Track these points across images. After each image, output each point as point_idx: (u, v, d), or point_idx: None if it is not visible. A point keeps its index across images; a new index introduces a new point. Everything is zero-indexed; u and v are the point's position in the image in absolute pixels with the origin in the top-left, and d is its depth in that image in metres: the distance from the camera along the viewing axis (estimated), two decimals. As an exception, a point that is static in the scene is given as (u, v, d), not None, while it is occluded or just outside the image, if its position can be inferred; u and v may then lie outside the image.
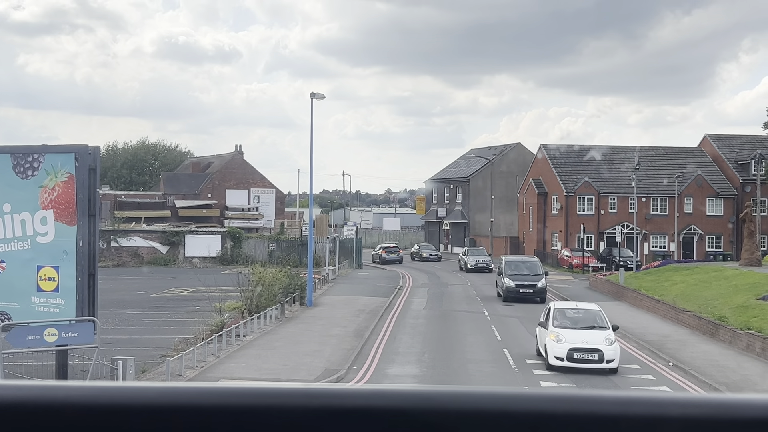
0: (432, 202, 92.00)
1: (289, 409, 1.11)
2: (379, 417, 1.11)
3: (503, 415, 1.11)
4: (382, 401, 1.13)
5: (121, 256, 63.88)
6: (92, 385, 1.18)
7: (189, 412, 1.12)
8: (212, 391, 1.16)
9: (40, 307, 17.06)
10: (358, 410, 1.11)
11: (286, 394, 1.15)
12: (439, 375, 22.48)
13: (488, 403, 1.13)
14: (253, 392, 1.15)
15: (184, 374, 21.66)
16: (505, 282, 39.82)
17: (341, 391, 1.16)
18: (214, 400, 1.13)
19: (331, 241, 57.24)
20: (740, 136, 73.35)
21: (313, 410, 1.11)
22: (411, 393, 1.16)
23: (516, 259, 42.95)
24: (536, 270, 40.42)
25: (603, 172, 68.38)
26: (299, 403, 1.12)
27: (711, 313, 31.48)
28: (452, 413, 1.11)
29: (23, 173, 16.97)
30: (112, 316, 31.33)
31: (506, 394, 1.15)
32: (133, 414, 1.11)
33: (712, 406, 1.14)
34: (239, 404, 1.12)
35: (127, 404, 1.13)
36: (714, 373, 23.27)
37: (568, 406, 1.13)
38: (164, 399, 1.14)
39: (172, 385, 1.18)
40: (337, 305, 38.31)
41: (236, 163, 79.60)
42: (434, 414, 1.11)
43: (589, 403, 1.14)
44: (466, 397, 1.15)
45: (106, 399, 1.14)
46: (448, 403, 1.13)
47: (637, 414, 1.11)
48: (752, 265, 43.26)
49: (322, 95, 38.92)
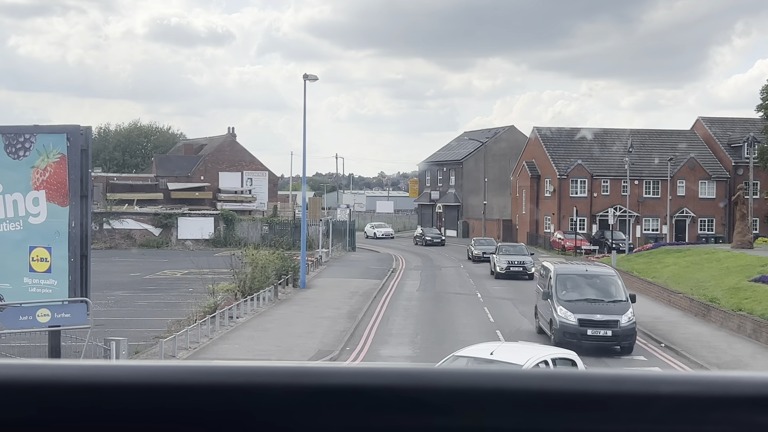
0: (425, 185, 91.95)
1: (280, 388, 1.11)
2: (369, 395, 1.11)
3: (494, 393, 1.11)
4: (371, 380, 1.13)
5: (114, 238, 63.77)
6: (85, 364, 1.17)
7: (181, 391, 1.11)
8: (204, 370, 1.16)
9: (33, 287, 17.02)
10: (349, 388, 1.11)
11: (276, 372, 1.14)
12: (432, 356, 22.53)
13: (479, 381, 1.13)
14: (244, 371, 1.15)
15: (178, 355, 21.69)
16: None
17: (331, 370, 1.16)
18: (205, 378, 1.13)
19: (324, 223, 57.22)
20: (733, 119, 73.35)
21: (303, 388, 1.11)
22: (402, 371, 1.16)
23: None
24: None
25: (596, 155, 68.37)
26: (289, 381, 1.12)
27: (703, 294, 31.60)
28: (443, 391, 1.11)
29: (15, 153, 16.89)
30: (105, 297, 31.31)
31: (497, 372, 1.15)
32: (125, 392, 1.11)
33: (701, 383, 1.14)
34: (230, 383, 1.12)
35: (119, 383, 1.12)
36: (705, 354, 23.39)
37: (557, 384, 1.13)
38: (156, 378, 1.13)
39: (164, 363, 1.18)
40: (330, 287, 38.35)
41: (229, 145, 79.42)
42: (425, 392, 1.11)
43: (580, 381, 1.14)
44: (457, 375, 1.15)
45: (98, 377, 1.13)
46: (438, 381, 1.13)
47: (627, 391, 1.11)
48: (744, 248, 43.40)
49: (315, 77, 38.79)
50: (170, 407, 1.10)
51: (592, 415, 1.10)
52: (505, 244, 50.40)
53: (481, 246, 54.50)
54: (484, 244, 54.62)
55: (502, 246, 47.86)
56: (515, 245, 49.20)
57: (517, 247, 47.89)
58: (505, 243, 51.89)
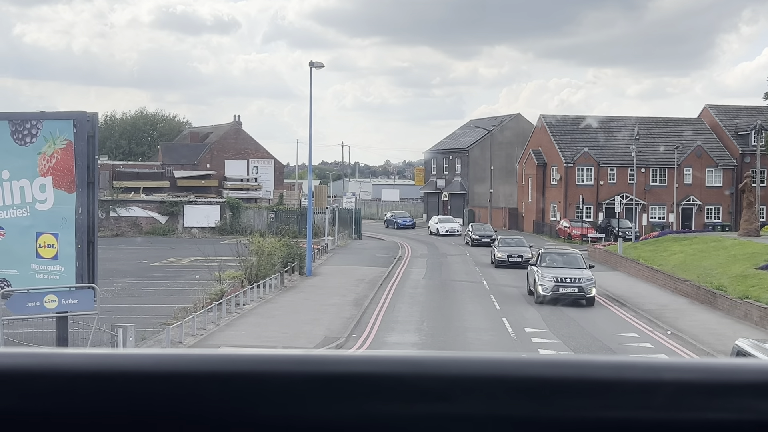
0: (431, 173, 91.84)
1: (286, 375, 1.11)
2: (374, 383, 1.10)
3: (497, 380, 1.11)
4: (377, 367, 1.13)
5: (120, 225, 63.89)
6: (96, 353, 1.16)
7: (188, 379, 1.11)
8: (211, 358, 1.15)
9: (40, 274, 17.05)
10: (355, 376, 1.11)
11: (283, 360, 1.14)
12: (438, 343, 22.57)
13: (483, 368, 1.13)
14: (251, 359, 1.15)
15: (184, 341, 21.75)
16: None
17: (338, 358, 1.16)
18: (212, 367, 1.12)
19: (330, 211, 57.23)
20: (740, 106, 73.08)
21: (309, 376, 1.11)
22: (406, 359, 1.15)
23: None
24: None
25: (602, 143, 68.21)
26: (296, 369, 1.12)
27: (709, 282, 31.55)
28: (447, 378, 1.11)
29: (21, 140, 16.89)
30: (112, 284, 31.37)
31: (500, 359, 1.15)
32: (134, 381, 1.10)
33: (706, 370, 1.13)
34: (237, 371, 1.11)
35: (124, 371, 1.12)
36: (712, 341, 23.37)
37: (562, 371, 1.12)
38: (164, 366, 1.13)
39: (171, 352, 1.17)
40: (336, 275, 38.39)
41: (235, 133, 79.36)
42: (429, 380, 1.10)
43: (584, 368, 1.13)
44: (462, 362, 1.15)
45: (108, 366, 1.13)
46: (443, 369, 1.12)
47: (631, 378, 1.11)
48: (751, 236, 43.30)
49: (322, 64, 38.74)
50: (176, 396, 1.10)
51: (597, 402, 1.09)
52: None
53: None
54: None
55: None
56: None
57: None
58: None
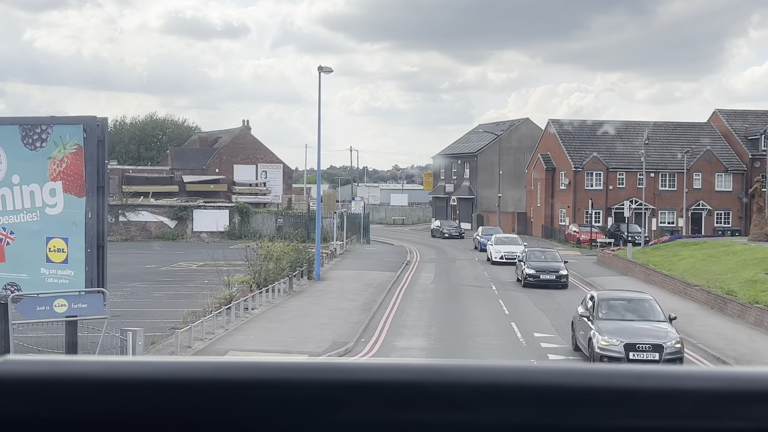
0: (440, 178, 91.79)
1: (298, 383, 1.10)
2: (391, 391, 1.10)
3: (516, 388, 1.10)
4: (394, 375, 1.12)
5: (130, 230, 64.04)
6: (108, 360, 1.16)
7: (200, 387, 1.10)
8: (224, 365, 1.15)
9: (50, 278, 17.09)
10: (370, 384, 1.11)
11: (295, 368, 1.13)
12: (447, 348, 22.52)
13: (501, 376, 1.12)
14: (263, 367, 1.14)
15: (193, 346, 21.77)
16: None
17: (352, 366, 1.15)
18: (225, 374, 1.12)
19: (339, 216, 57.26)
20: (750, 111, 72.87)
21: (323, 384, 1.10)
22: (424, 367, 1.15)
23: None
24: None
25: (611, 148, 68.08)
26: (308, 377, 1.11)
27: (719, 287, 31.43)
28: (466, 387, 1.10)
29: (32, 144, 16.95)
30: (121, 289, 31.45)
31: (519, 368, 1.14)
32: (146, 389, 1.10)
33: (729, 379, 1.12)
34: (257, 378, 1.11)
35: (135, 379, 1.11)
36: (722, 347, 23.27)
37: (582, 380, 1.11)
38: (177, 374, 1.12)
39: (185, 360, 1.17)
40: (344, 279, 38.37)
41: (244, 138, 79.50)
42: (448, 387, 1.10)
43: (603, 376, 1.13)
44: (480, 371, 1.14)
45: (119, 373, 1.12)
46: (462, 377, 1.12)
47: (653, 387, 1.09)
48: (761, 240, 43.17)
49: (330, 69, 38.80)
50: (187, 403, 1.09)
51: (619, 411, 1.08)
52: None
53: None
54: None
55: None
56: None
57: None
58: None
